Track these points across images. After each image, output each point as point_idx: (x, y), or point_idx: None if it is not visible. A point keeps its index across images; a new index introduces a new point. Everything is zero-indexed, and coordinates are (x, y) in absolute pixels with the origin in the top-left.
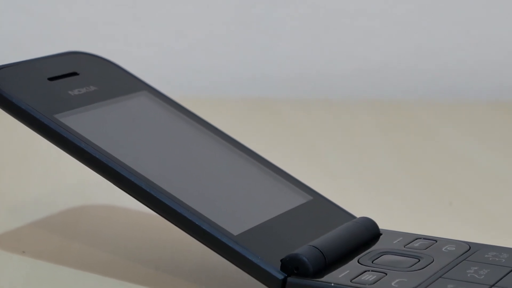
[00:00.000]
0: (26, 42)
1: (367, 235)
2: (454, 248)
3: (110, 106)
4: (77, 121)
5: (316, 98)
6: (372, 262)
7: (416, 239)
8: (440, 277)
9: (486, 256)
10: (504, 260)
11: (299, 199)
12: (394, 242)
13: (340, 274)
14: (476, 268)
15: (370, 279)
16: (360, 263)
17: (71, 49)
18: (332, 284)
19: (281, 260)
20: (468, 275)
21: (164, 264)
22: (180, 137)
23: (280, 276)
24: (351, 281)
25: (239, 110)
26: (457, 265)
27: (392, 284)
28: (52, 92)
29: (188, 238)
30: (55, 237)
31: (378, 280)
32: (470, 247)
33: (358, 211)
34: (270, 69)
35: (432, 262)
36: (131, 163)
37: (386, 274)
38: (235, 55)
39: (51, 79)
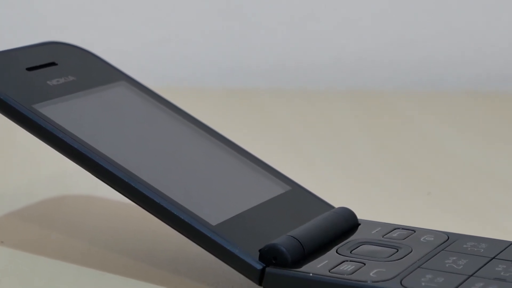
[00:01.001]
0: (3, 33)
1: (346, 225)
2: (432, 238)
3: (88, 96)
4: (55, 111)
5: (295, 88)
6: (351, 252)
7: (395, 229)
8: (418, 267)
9: (464, 246)
10: (482, 250)
11: (278, 189)
12: (373, 232)
13: (319, 264)
14: (454, 258)
15: (349, 269)
16: (338, 253)
17: (50, 40)
18: (311, 274)
19: (259, 250)
20: (447, 265)
21: (143, 254)
22: (159, 127)
23: (259, 266)
24: (329, 271)
25: (218, 100)
26: (435, 255)
27: (371, 274)
28: (31, 82)
29: (167, 228)
30: (34, 227)
31: (357, 270)
32: (448, 237)
33: (337, 201)
34: (249, 59)
35: (410, 252)
36: (109, 153)
37: (365, 264)
38: (214, 45)
39: (29, 69)
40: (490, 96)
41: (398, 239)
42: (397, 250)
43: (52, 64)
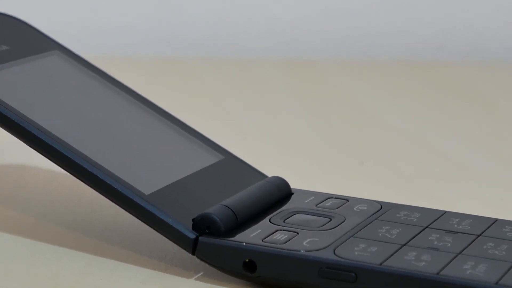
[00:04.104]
0: None
1: (279, 194)
2: (365, 208)
3: (21, 66)
4: None
5: (227, 58)
6: (284, 222)
7: (328, 198)
8: (351, 236)
9: (397, 215)
10: (415, 219)
11: (211, 159)
12: (306, 201)
13: (252, 233)
14: (387, 227)
15: (282, 239)
16: (271, 223)
17: None
18: (244, 244)
19: (192, 220)
20: (380, 234)
21: (76, 224)
22: (92, 97)
23: (192, 235)
24: (262, 240)
25: (151, 69)
26: (368, 224)
27: (304, 243)
28: None
29: (101, 198)
30: None
31: (290, 240)
32: (381, 207)
33: (270, 171)
34: (182, 28)
35: (343, 222)
36: (42, 123)
37: (298, 233)
38: (147, 14)
39: None
40: (423, 65)
41: (331, 209)
42: (330, 220)
43: None
